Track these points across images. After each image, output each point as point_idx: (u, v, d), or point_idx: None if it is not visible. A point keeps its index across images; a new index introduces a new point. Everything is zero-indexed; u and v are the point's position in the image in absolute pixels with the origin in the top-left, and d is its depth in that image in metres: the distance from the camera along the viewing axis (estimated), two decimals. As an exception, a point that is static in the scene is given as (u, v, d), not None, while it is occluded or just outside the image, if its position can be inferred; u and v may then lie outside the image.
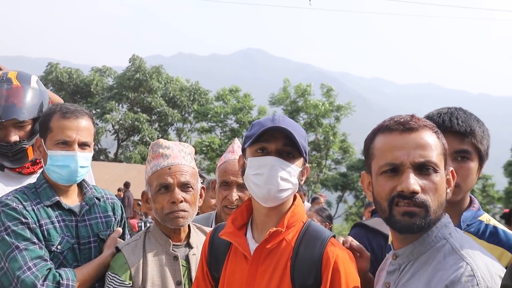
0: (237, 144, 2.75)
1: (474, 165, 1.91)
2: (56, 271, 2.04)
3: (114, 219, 2.41)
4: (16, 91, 2.41)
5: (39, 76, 35.94)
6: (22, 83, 2.46)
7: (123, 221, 2.49)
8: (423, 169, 1.50)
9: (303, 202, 10.17)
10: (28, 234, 2.07)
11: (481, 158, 1.94)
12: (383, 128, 1.60)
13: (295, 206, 1.90)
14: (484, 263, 1.42)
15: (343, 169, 33.74)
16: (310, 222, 1.91)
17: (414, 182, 1.47)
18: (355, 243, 1.96)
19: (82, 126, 2.24)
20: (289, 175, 1.80)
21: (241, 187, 2.51)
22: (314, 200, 11.76)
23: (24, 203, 2.14)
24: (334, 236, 1.87)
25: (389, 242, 1.78)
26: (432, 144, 1.53)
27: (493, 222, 2.19)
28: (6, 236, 2.05)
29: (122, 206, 2.53)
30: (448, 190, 1.58)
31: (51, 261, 2.08)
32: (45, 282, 1.99)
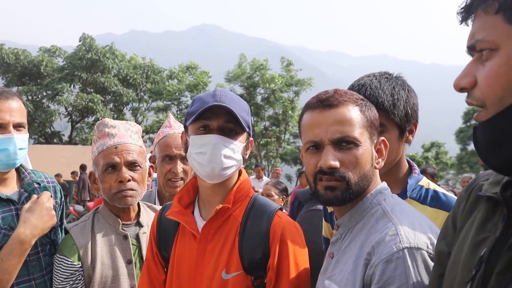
0: (172, 118, 2.82)
1: (390, 136, 1.86)
2: None
3: (56, 202, 2.33)
4: None
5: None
6: None
7: (62, 206, 2.40)
8: (342, 144, 1.52)
9: (262, 177, 10.32)
10: None
11: (400, 126, 1.91)
12: (307, 106, 1.62)
13: (240, 182, 1.90)
14: (409, 222, 1.46)
15: (299, 142, 34.06)
16: (257, 196, 1.92)
17: (331, 158, 1.50)
18: None
19: (14, 107, 2.15)
20: (232, 152, 1.80)
21: (185, 159, 2.54)
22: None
23: None
24: (281, 209, 1.88)
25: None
26: (351, 118, 1.53)
27: (433, 186, 2.24)
28: None
29: (61, 190, 2.45)
30: (380, 160, 1.60)
31: None
32: None
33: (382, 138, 1.62)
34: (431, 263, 1.36)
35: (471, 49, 0.99)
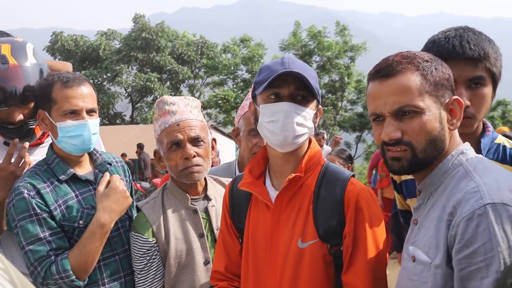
0: None
1: (488, 90, 1.82)
2: (48, 267, 2.00)
3: (126, 181, 2.39)
4: (14, 72, 2.21)
5: (45, 46, 36.03)
6: (19, 60, 2.24)
7: (130, 184, 2.47)
8: (403, 113, 1.48)
9: (323, 146, 10.22)
10: (35, 228, 2.03)
11: (495, 82, 1.85)
12: (369, 76, 1.59)
13: (311, 150, 1.87)
14: (493, 179, 1.38)
15: (359, 109, 33.49)
16: (328, 164, 1.89)
17: (391, 129, 1.48)
18: None
19: (86, 93, 2.18)
20: (304, 120, 1.76)
21: None
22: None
23: (38, 186, 2.09)
24: (353, 176, 1.86)
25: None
26: (410, 86, 1.47)
27: (509, 143, 2.13)
28: (19, 230, 2.04)
29: (128, 169, 2.51)
30: (455, 120, 1.53)
31: (56, 251, 2.04)
32: (46, 281, 2.01)
33: (455, 97, 1.53)
34: None
35: None
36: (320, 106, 1.87)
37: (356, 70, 33.32)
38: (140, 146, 17.56)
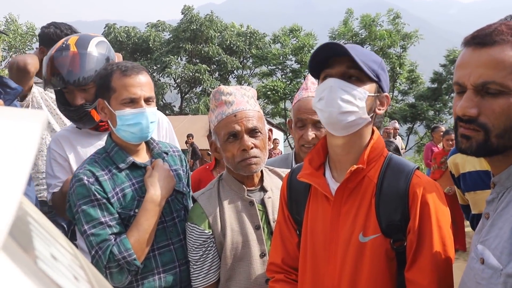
0: (310, 80, 2.65)
1: None
2: (111, 250, 2.04)
3: (183, 171, 2.41)
4: (72, 58, 2.57)
5: (98, 38, 36.99)
6: (79, 49, 2.60)
7: (187, 173, 2.48)
8: (487, 90, 1.33)
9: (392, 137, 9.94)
10: (97, 213, 2.08)
11: None
12: (463, 42, 1.44)
13: (373, 141, 1.79)
14: None
15: (410, 99, 32.97)
16: (392, 156, 1.82)
17: (467, 105, 1.33)
18: None
19: (144, 82, 2.21)
20: (352, 98, 1.68)
21: (317, 125, 2.46)
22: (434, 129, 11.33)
23: (97, 174, 2.14)
24: (418, 168, 1.79)
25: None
26: (504, 61, 1.31)
27: None
28: (80, 215, 2.09)
29: (185, 158, 2.53)
30: None
31: (116, 235, 2.08)
32: (109, 264, 2.04)
33: None
34: None
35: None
36: (386, 93, 1.80)
37: (408, 59, 32.81)
38: (190, 137, 17.83)
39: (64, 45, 2.61)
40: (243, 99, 2.18)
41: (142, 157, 2.30)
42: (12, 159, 0.57)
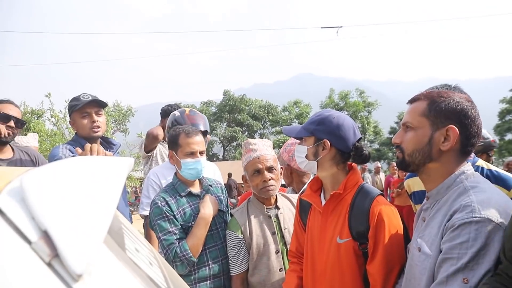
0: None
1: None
2: (175, 250, 2.04)
3: (223, 197, 2.39)
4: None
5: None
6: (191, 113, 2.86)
7: (226, 198, 2.45)
8: (406, 127, 1.39)
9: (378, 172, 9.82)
10: (167, 225, 2.08)
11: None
12: (407, 102, 1.49)
13: (351, 174, 1.77)
14: (486, 196, 1.21)
15: (375, 146, 32.91)
16: (363, 185, 1.77)
17: (396, 137, 1.42)
18: None
19: (199, 141, 2.23)
20: (298, 153, 1.82)
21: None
22: None
23: (167, 199, 2.15)
24: (382, 195, 1.74)
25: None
26: (415, 110, 1.37)
27: (487, 165, 1.97)
28: (156, 227, 2.10)
29: (224, 188, 2.50)
30: (446, 143, 1.31)
31: (179, 240, 2.07)
32: (174, 260, 2.03)
33: (449, 126, 1.30)
34: (499, 236, 1.12)
35: None
36: (324, 140, 1.72)
37: (372, 119, 33.18)
38: (229, 175, 17.87)
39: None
40: (264, 147, 2.18)
41: (196, 188, 2.30)
42: (109, 186, 0.60)
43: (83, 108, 2.50)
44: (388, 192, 8.81)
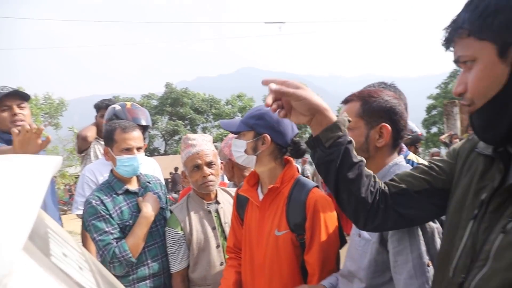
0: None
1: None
2: (113, 250, 1.98)
3: (162, 193, 2.35)
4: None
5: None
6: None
7: (165, 194, 2.41)
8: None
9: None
10: (102, 225, 2.01)
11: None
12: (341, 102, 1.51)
13: (287, 168, 1.80)
14: None
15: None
16: (299, 177, 1.80)
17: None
18: None
19: (136, 136, 2.18)
20: (236, 147, 1.79)
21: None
22: None
23: (102, 197, 2.08)
24: (317, 186, 1.76)
25: None
26: (350, 111, 1.39)
27: (417, 159, 2.10)
28: (91, 227, 2.03)
29: (164, 185, 2.45)
30: (381, 140, 1.37)
31: (117, 240, 2.02)
32: (112, 261, 1.98)
33: (382, 124, 1.37)
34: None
35: (457, 62, 0.92)
36: (264, 135, 1.72)
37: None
38: (175, 169, 17.71)
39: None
40: (203, 143, 2.16)
41: (134, 185, 2.24)
42: (31, 188, 0.58)
43: (2, 101, 2.35)
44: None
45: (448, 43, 0.93)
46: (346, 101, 1.45)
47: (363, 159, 1.13)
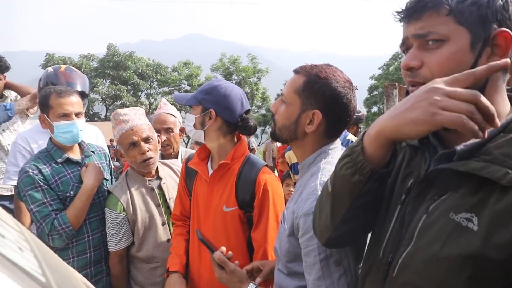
0: (162, 101, 2.73)
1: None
2: (52, 222, 1.90)
3: (106, 164, 2.27)
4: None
5: (40, 65, 33.19)
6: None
7: (109, 165, 2.33)
8: (282, 98, 1.32)
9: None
10: (40, 195, 1.93)
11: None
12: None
13: (238, 144, 1.80)
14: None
15: (262, 111, 34.28)
16: (250, 155, 1.81)
17: (273, 105, 1.35)
18: None
19: (75, 101, 2.06)
20: (187, 121, 1.80)
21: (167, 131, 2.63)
22: None
23: (40, 167, 1.98)
24: (267, 165, 1.79)
25: None
26: (292, 84, 1.28)
27: (354, 138, 2.15)
28: (27, 198, 1.93)
29: (108, 154, 2.36)
30: (310, 126, 1.27)
31: (55, 211, 1.94)
32: (51, 233, 1.92)
33: (315, 111, 1.25)
34: None
35: (420, 37, 0.86)
36: (210, 109, 1.70)
37: (261, 86, 34.31)
38: (110, 140, 16.82)
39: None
40: (136, 117, 2.05)
41: (76, 154, 2.15)
42: None
43: None
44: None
45: (413, 15, 0.87)
46: (296, 71, 1.32)
47: None
